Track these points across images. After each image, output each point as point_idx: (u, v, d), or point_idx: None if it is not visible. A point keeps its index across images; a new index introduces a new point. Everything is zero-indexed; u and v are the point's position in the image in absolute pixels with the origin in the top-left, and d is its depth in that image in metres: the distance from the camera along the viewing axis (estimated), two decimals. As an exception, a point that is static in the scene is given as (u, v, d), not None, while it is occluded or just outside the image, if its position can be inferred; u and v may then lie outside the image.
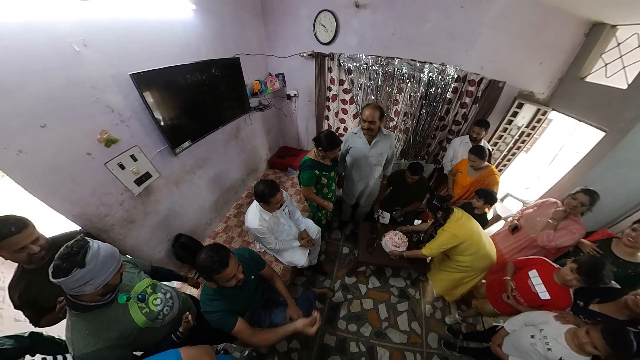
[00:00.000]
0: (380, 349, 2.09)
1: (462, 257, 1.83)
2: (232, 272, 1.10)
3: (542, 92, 2.26)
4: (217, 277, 1.08)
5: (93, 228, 1.55)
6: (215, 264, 1.05)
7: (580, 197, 1.63)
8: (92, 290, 0.86)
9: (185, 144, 2.02)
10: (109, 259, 0.91)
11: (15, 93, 1.13)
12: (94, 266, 0.84)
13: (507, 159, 2.58)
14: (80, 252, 0.83)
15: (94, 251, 0.86)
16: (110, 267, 0.91)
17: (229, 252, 1.12)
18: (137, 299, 1.08)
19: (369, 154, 2.08)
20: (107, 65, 1.45)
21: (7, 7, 1.05)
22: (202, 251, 1.10)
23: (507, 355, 1.39)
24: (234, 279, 1.12)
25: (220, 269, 1.06)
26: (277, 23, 2.65)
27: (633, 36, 1.71)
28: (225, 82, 2.29)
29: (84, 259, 0.83)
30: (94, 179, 1.50)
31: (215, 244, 1.15)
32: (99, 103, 1.45)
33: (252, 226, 1.72)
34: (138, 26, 1.57)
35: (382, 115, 1.90)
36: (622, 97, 1.68)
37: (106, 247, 0.92)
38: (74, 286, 0.83)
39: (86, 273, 0.83)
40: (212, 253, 1.07)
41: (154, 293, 1.16)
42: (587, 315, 1.34)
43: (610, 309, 1.30)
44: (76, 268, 0.81)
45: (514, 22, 2.02)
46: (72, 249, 0.84)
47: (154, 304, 1.13)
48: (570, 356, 1.12)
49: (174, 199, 2.11)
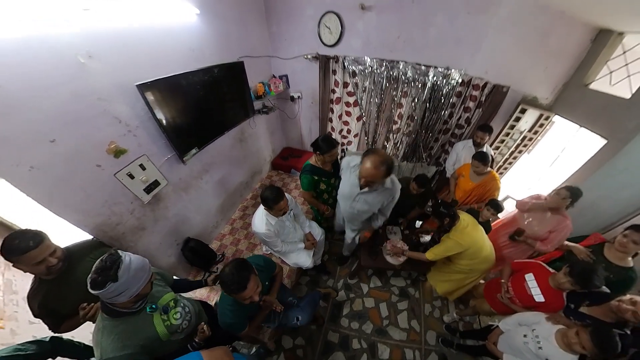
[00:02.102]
0: (381, 345, 2.19)
1: (463, 261, 1.89)
2: (249, 295, 1.14)
3: (546, 97, 2.26)
4: (233, 295, 1.14)
5: (105, 237, 1.60)
6: (234, 284, 1.10)
7: (562, 192, 1.72)
8: (125, 299, 0.93)
9: (192, 150, 2.05)
10: (140, 271, 0.96)
11: (23, 110, 1.14)
12: (126, 279, 0.90)
13: (509, 162, 2.61)
14: (113, 267, 0.89)
15: (125, 265, 0.91)
16: (142, 279, 0.97)
17: (250, 274, 1.15)
18: (162, 311, 1.14)
19: (355, 199, 1.70)
20: (112, 75, 1.45)
21: (8, 23, 1.03)
22: (228, 265, 1.14)
23: (502, 352, 1.48)
24: (250, 299, 1.16)
25: (237, 292, 1.11)
26: (280, 24, 2.60)
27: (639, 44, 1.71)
28: (230, 86, 2.28)
29: (116, 273, 0.88)
30: (104, 189, 1.54)
31: (241, 262, 1.17)
32: (106, 114, 1.47)
33: (260, 230, 1.77)
34: (142, 34, 1.56)
35: (389, 172, 1.42)
36: (625, 106, 1.70)
37: (137, 260, 0.98)
38: (110, 297, 0.90)
39: (119, 286, 0.89)
40: (234, 271, 1.11)
41: (175, 307, 1.22)
42: (577, 317, 1.43)
43: (599, 311, 1.39)
44: (110, 282, 0.87)
45: (520, 27, 2.00)
46: (106, 264, 0.90)
47: (174, 317, 1.19)
48: (558, 355, 1.20)
49: (182, 205, 2.15)
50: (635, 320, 1.23)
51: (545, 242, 1.86)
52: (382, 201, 1.69)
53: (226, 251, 2.58)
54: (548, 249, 1.84)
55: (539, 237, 1.90)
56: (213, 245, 2.59)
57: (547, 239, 1.85)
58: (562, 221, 1.78)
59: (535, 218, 1.93)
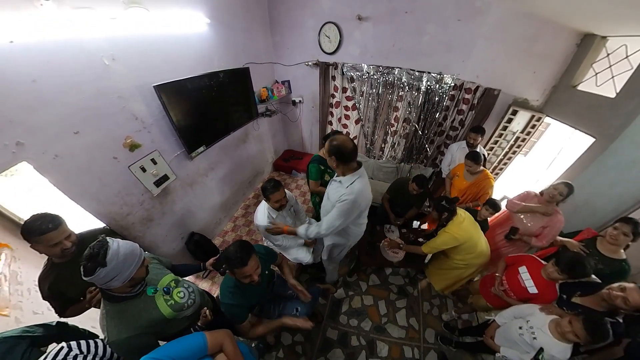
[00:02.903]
0: (379, 343, 2.19)
1: (459, 256, 1.92)
2: (249, 272, 1.19)
3: (537, 99, 2.35)
4: (235, 270, 1.18)
5: (117, 226, 1.71)
6: (237, 259, 1.15)
7: (560, 187, 1.77)
8: (119, 284, 0.95)
9: (200, 148, 2.19)
10: (129, 255, 0.97)
11: (53, 103, 1.29)
12: (115, 264, 0.92)
13: (504, 162, 2.67)
14: (100, 253, 0.91)
15: (113, 250, 0.93)
16: (132, 263, 0.98)
17: (251, 253, 1.20)
18: (163, 292, 1.18)
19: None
20: (132, 77, 1.62)
21: (48, 27, 1.20)
22: (233, 244, 1.21)
23: (499, 346, 1.49)
24: (249, 278, 1.20)
25: (239, 265, 1.16)
26: (283, 33, 2.80)
27: (622, 47, 1.80)
28: (236, 90, 2.45)
29: (104, 259, 0.90)
30: (119, 180, 1.67)
31: (244, 242, 1.23)
32: (124, 111, 1.62)
33: (261, 223, 1.83)
34: (159, 41, 1.74)
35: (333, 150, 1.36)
36: (611, 105, 1.77)
37: (126, 245, 0.99)
38: (102, 282, 0.93)
39: (109, 271, 0.91)
40: (238, 249, 1.17)
41: (177, 287, 1.26)
42: (570, 307, 1.44)
43: (591, 301, 1.40)
44: (99, 267, 0.89)
45: (508, 34, 2.13)
46: (94, 250, 0.92)
47: (178, 296, 1.23)
48: (552, 344, 1.22)
49: (188, 199, 2.27)
50: (625, 306, 1.23)
51: (539, 238, 1.89)
52: (332, 200, 1.51)
53: (228, 248, 2.66)
54: (543, 244, 1.87)
55: (533, 233, 1.93)
56: (216, 241, 2.68)
57: (541, 234, 1.89)
58: (554, 216, 1.83)
59: (528, 215, 1.97)
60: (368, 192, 1.56)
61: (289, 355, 2.12)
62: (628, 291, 1.24)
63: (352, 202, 1.44)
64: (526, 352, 1.32)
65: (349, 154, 1.35)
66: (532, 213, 1.94)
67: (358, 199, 1.45)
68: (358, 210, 1.54)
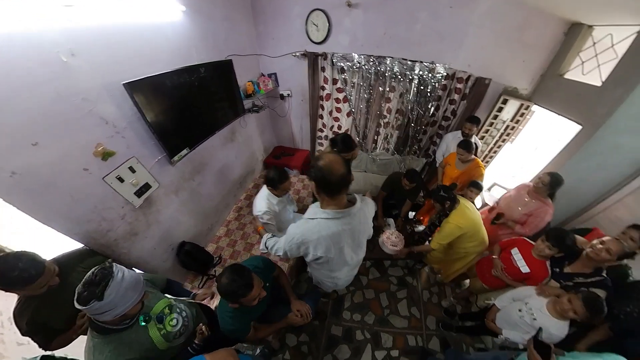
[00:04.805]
0: (384, 334, 2.23)
1: (462, 245, 1.95)
2: (255, 295, 1.09)
3: (525, 87, 2.39)
4: (242, 300, 1.07)
5: (97, 245, 1.53)
6: (240, 288, 1.03)
7: (543, 177, 1.82)
8: (110, 318, 0.86)
9: (183, 151, 2.00)
10: (130, 291, 0.89)
11: (1, 110, 1.07)
12: (112, 299, 0.83)
13: (494, 151, 2.74)
14: (102, 284, 0.82)
15: (115, 282, 0.85)
16: (131, 299, 0.89)
17: (251, 273, 1.09)
18: (156, 321, 1.08)
19: None
20: (97, 74, 1.40)
21: None
22: (224, 274, 1.05)
23: (500, 328, 1.56)
24: (258, 298, 1.12)
25: (247, 293, 1.05)
26: (267, 22, 2.59)
27: (607, 36, 1.85)
28: (219, 85, 2.24)
29: (102, 292, 0.81)
30: (93, 194, 1.47)
31: (235, 265, 1.11)
32: (91, 115, 1.40)
33: (261, 209, 1.71)
34: (127, 31, 1.51)
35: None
36: (596, 93, 1.82)
37: (131, 277, 0.90)
38: (92, 314, 0.84)
39: (103, 305, 0.82)
40: (235, 277, 1.04)
41: (171, 314, 1.17)
42: (565, 277, 1.54)
43: (579, 265, 1.51)
44: (94, 300, 0.80)
45: (499, 22, 2.11)
46: (95, 278, 0.83)
47: (170, 324, 1.14)
48: (551, 323, 1.30)
49: (174, 207, 2.10)
50: (610, 256, 1.34)
51: (523, 226, 1.96)
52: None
53: (223, 253, 2.54)
54: (526, 232, 1.92)
55: (517, 220, 2.00)
56: (209, 248, 2.55)
57: (526, 222, 1.95)
58: (541, 206, 1.87)
59: (515, 201, 2.03)
60: (343, 240, 1.11)
61: (295, 356, 2.10)
62: (607, 242, 1.36)
63: (299, 242, 1.10)
64: (527, 332, 1.39)
65: (336, 183, 0.95)
66: (520, 200, 2.00)
67: (316, 244, 1.08)
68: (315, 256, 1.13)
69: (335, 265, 1.25)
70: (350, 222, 1.08)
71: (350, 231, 1.11)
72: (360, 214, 1.12)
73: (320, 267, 1.28)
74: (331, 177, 0.94)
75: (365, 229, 1.21)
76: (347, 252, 1.18)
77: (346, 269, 1.34)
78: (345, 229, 1.08)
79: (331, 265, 1.24)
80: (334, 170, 0.93)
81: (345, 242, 1.13)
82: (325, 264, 1.23)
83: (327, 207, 1.06)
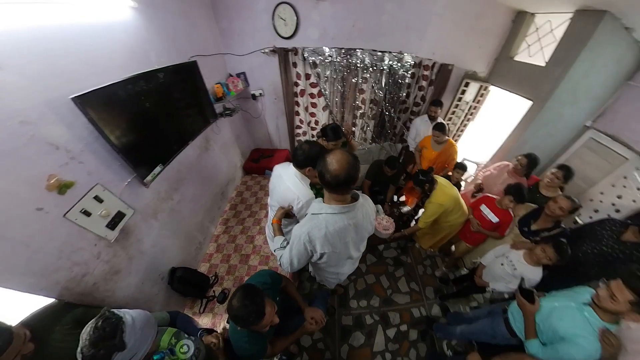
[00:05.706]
0: (391, 313, 2.40)
1: (446, 219, 2.16)
2: (269, 320, 1.02)
3: (483, 70, 2.65)
4: (253, 327, 1.00)
5: (73, 295, 1.29)
6: (251, 316, 0.96)
7: (520, 159, 2.09)
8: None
9: (156, 169, 1.78)
10: (146, 328, 0.85)
11: None
12: (134, 343, 0.78)
13: (461, 130, 3.02)
14: (117, 333, 0.75)
15: (129, 326, 0.79)
16: (149, 336, 0.85)
17: (263, 298, 1.01)
18: (170, 354, 1.03)
19: None
20: (35, 90, 1.12)
21: None
22: (235, 297, 0.98)
23: (487, 282, 1.81)
24: (270, 324, 1.04)
25: (257, 321, 0.97)
26: (231, 18, 2.38)
27: (547, 22, 2.12)
28: (186, 90, 2.03)
29: (122, 339, 0.75)
30: (55, 237, 1.21)
31: (248, 287, 1.03)
32: (35, 141, 1.13)
33: (308, 195, 1.33)
34: (69, 35, 1.25)
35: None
36: (542, 72, 2.11)
37: (139, 316, 0.85)
38: None
39: (127, 353, 0.76)
40: (246, 302, 0.96)
41: (179, 341, 1.12)
42: (533, 234, 1.85)
43: (542, 222, 1.82)
44: (115, 352, 0.73)
45: (457, 11, 2.27)
46: (105, 331, 0.74)
47: (181, 352, 1.09)
48: (529, 269, 1.57)
49: (156, 233, 1.88)
50: (562, 212, 1.64)
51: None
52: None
53: (218, 271, 2.41)
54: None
55: (494, 193, 2.27)
56: (202, 268, 2.39)
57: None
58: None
59: (495, 179, 2.29)
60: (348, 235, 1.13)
61: (314, 355, 2.15)
62: (559, 200, 1.66)
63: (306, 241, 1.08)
64: (509, 282, 1.65)
65: (343, 181, 0.95)
66: (498, 177, 2.26)
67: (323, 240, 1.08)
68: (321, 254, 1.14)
69: (340, 261, 1.27)
70: (354, 217, 1.11)
71: (355, 226, 1.13)
72: (362, 209, 1.16)
73: (325, 265, 1.29)
74: (338, 178, 0.94)
75: (368, 224, 1.24)
76: (351, 246, 1.21)
77: (349, 263, 1.39)
78: (351, 223, 1.10)
79: (335, 261, 1.26)
80: (341, 171, 0.93)
81: (349, 237, 1.16)
82: (329, 262, 1.24)
83: (332, 202, 1.07)
